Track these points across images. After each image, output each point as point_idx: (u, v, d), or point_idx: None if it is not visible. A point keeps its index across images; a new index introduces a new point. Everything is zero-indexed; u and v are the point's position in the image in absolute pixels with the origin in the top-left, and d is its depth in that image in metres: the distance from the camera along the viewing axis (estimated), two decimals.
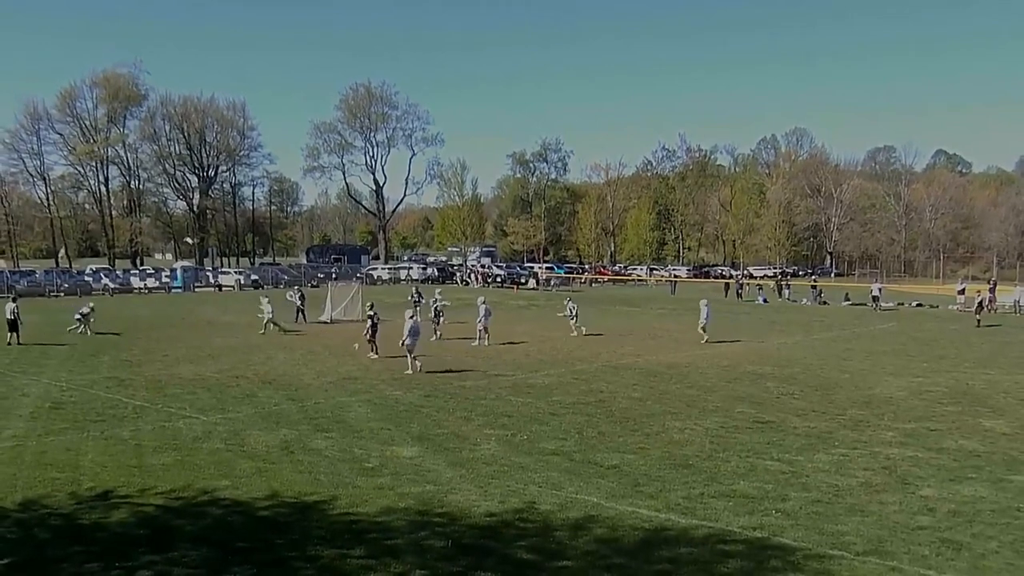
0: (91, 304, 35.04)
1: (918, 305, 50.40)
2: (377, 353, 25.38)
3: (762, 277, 78.00)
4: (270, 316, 33.24)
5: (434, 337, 29.53)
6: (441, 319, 31.52)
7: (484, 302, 30.22)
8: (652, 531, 10.52)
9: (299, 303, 37.69)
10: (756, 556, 9.69)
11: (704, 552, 9.84)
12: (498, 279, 75.68)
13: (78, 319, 32.63)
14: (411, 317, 23.18)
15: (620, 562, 9.51)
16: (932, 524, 10.77)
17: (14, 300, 30.25)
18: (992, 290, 49.33)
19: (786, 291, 59.71)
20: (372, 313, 26.30)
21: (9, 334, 28.79)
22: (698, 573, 9.18)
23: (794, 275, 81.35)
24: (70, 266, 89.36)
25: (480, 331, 29.22)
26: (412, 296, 39.67)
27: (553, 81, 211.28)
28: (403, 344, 22.58)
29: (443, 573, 9.21)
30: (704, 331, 30.31)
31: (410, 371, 22.44)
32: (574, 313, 33.03)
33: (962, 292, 50.61)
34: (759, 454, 14.29)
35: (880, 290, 50.51)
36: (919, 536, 10.33)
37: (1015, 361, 26.20)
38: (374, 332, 25.64)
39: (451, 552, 9.80)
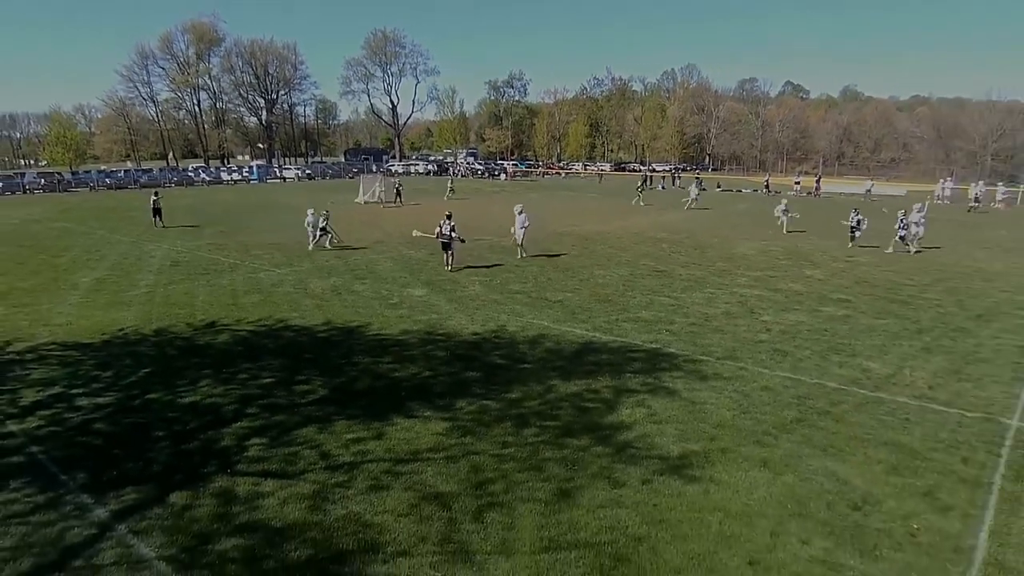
0: (326, 211, 21.34)
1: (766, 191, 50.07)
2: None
3: (662, 172, 76.95)
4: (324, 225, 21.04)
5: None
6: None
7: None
8: (584, 344, 10.74)
9: (323, 223, 35.46)
10: (652, 360, 9.96)
11: (618, 357, 10.09)
12: (480, 172, 73.95)
13: (322, 230, 20.49)
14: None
15: (562, 364, 9.74)
16: (768, 339, 11.10)
17: (156, 193, 27.38)
18: (818, 182, 49.22)
19: (678, 181, 59.16)
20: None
21: (154, 218, 26.20)
22: (613, 371, 9.44)
23: (684, 170, 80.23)
24: (177, 165, 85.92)
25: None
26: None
27: (519, 25, 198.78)
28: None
29: (444, 373, 9.39)
30: (521, 246, 18.91)
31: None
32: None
33: (798, 183, 50.41)
34: (656, 293, 14.50)
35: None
36: (759, 347, 10.66)
37: (832, 231, 26.39)
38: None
39: (449, 359, 9.97)
